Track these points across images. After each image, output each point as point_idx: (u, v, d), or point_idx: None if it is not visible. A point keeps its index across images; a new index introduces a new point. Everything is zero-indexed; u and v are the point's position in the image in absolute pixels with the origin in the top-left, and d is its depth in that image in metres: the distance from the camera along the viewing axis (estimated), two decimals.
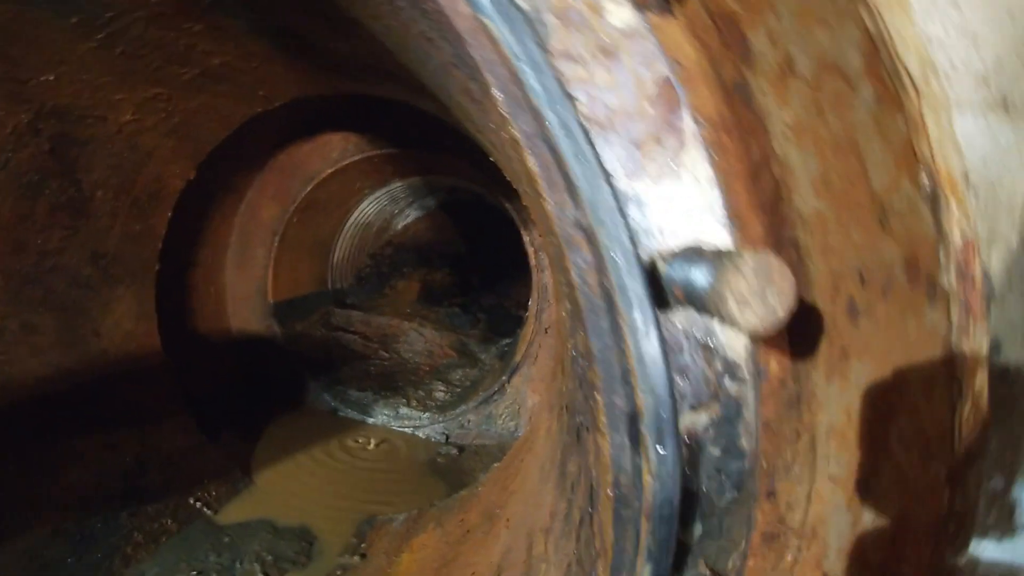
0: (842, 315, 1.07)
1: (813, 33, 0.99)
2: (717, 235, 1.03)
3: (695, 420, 1.14)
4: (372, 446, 5.46)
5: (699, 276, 0.86)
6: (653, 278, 1.02)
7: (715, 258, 0.84)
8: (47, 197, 3.57)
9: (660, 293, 1.02)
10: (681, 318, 1.10)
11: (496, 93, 1.02)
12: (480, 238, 9.52)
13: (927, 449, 1.07)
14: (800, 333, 1.06)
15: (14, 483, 3.40)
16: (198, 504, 4.21)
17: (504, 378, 5.57)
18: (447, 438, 5.65)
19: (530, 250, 5.39)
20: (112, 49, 3.22)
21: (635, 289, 1.01)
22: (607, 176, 1.00)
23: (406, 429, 5.80)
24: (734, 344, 1.05)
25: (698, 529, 1.14)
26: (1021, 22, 0.95)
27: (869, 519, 1.11)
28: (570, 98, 0.99)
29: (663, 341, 1.10)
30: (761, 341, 1.05)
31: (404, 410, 5.93)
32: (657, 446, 1.10)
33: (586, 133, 0.99)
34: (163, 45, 3.34)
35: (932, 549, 1.10)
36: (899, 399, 1.07)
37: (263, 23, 3.29)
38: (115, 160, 3.89)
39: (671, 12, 1.00)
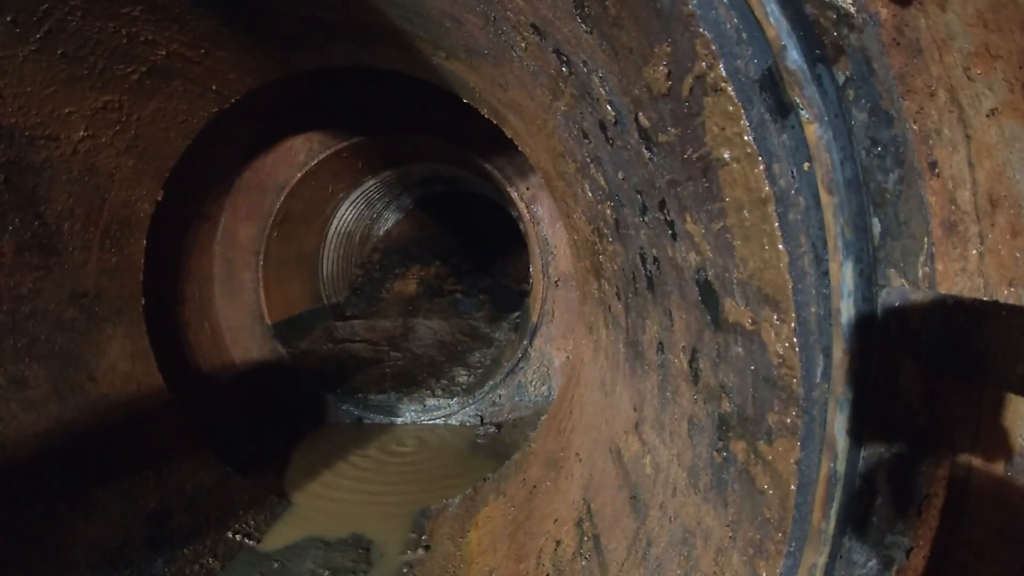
0: None
1: None
2: None
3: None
4: (407, 444, 5.16)
5: None
6: None
7: None
8: (11, 235, 3.28)
9: None
10: None
11: None
12: (463, 226, 9.33)
13: None
14: None
15: (27, 548, 3.06)
16: (238, 536, 3.90)
17: (525, 343, 5.30)
18: (481, 420, 5.37)
19: (521, 205, 5.15)
20: (53, 51, 2.98)
21: None
22: None
23: (437, 421, 5.53)
24: None
25: (876, 226, 0.97)
26: None
27: None
28: None
29: None
30: None
31: (431, 401, 5.64)
32: (808, 105, 0.92)
33: None
34: (104, 39, 3.11)
35: None
36: None
37: None
38: (76, 187, 3.60)
39: None
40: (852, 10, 0.92)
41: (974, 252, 1.00)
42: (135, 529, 3.58)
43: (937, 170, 0.97)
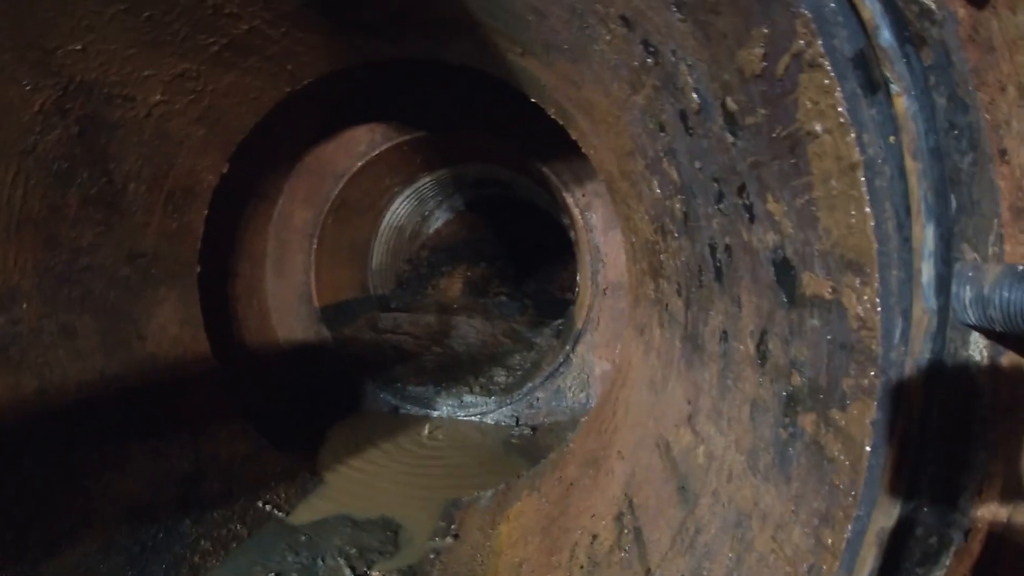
0: None
1: None
2: None
3: None
4: (441, 437, 5.19)
5: None
6: None
7: None
8: (78, 188, 3.37)
9: None
10: None
11: None
12: (512, 231, 9.42)
13: None
14: None
15: (58, 493, 3.10)
16: (268, 507, 3.94)
17: (568, 348, 5.30)
18: (517, 420, 5.37)
19: (575, 211, 5.17)
20: (140, 13, 3.06)
21: None
22: None
23: (473, 418, 5.54)
24: None
25: (952, 202, 1.02)
26: None
27: None
28: None
29: None
30: None
31: (468, 398, 5.67)
32: (898, 79, 0.99)
33: None
34: (190, 8, 3.19)
35: None
36: None
37: None
38: (146, 150, 3.71)
39: None
40: (933, 7, 0.97)
41: None
42: (167, 488, 3.63)
43: (1007, 157, 1.01)
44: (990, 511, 1.05)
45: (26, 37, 2.76)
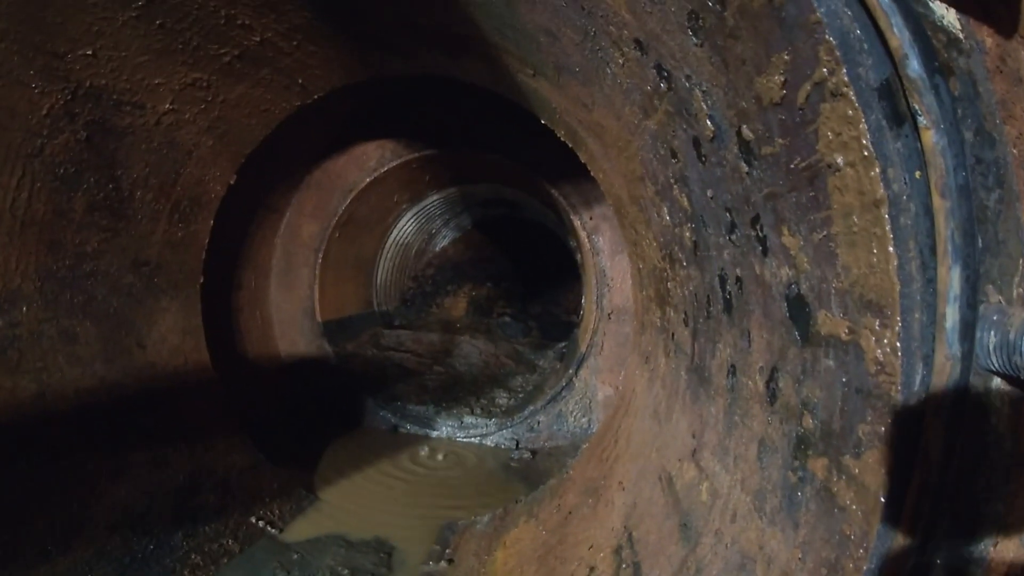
0: None
1: None
2: None
3: None
4: (440, 458, 5.12)
5: None
6: None
7: None
8: (84, 193, 3.35)
9: None
10: None
11: None
12: (518, 252, 9.39)
13: None
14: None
15: (51, 499, 3.05)
16: (261, 523, 3.87)
17: (571, 372, 5.24)
18: (517, 443, 5.29)
19: (582, 234, 5.13)
20: (152, 21, 3.07)
21: None
22: None
23: (472, 439, 5.47)
24: (946, 15, 0.95)
25: (978, 240, 0.97)
26: None
27: None
28: None
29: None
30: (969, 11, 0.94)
31: (469, 419, 5.60)
32: (926, 112, 0.94)
33: None
34: (203, 17, 3.20)
35: None
36: None
37: None
38: (154, 157, 3.70)
39: None
40: (961, 36, 0.95)
41: None
42: (161, 499, 3.57)
43: None
44: (1005, 564, 1.01)
45: (34, 41, 2.76)
